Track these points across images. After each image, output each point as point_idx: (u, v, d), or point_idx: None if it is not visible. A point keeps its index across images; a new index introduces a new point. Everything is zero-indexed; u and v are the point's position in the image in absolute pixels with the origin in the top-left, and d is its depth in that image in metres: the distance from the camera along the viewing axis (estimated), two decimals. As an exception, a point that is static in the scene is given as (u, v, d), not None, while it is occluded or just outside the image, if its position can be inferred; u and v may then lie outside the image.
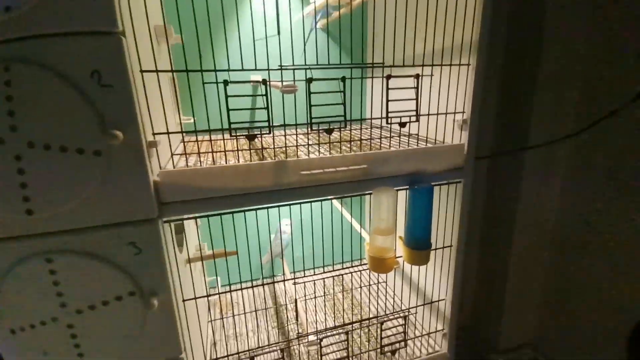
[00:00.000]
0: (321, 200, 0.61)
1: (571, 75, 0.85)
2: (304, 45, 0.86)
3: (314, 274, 1.04)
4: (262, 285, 0.91)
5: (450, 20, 0.63)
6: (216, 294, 0.64)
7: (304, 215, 1.10)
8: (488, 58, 0.64)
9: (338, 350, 0.78)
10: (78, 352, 0.54)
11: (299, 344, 0.82)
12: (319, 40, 0.91)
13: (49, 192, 0.46)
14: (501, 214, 1.00)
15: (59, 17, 0.41)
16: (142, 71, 0.48)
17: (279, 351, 0.69)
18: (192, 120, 0.87)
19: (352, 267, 1.19)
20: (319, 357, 0.74)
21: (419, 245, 0.68)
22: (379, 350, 0.80)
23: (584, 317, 0.93)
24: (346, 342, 0.75)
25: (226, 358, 0.69)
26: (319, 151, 0.64)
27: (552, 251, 1.01)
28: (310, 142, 0.63)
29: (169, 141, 0.56)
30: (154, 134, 0.51)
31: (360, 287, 1.10)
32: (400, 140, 0.71)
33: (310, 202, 0.60)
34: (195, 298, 0.62)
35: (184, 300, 0.60)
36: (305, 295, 1.01)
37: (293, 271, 1.16)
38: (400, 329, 0.81)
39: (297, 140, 0.63)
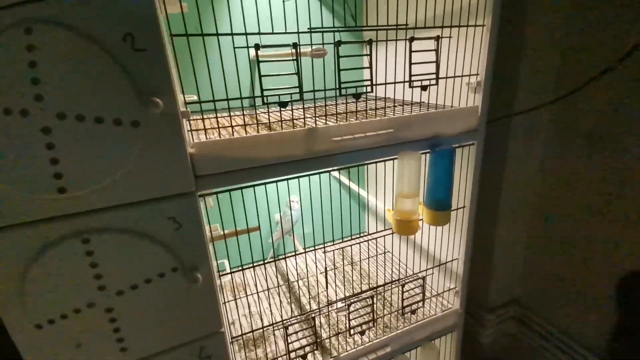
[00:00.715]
0: (351, 167, 0.62)
1: (553, 41, 0.89)
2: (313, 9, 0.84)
3: (323, 248, 1.05)
4: (275, 261, 0.92)
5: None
6: (236, 271, 0.63)
7: (306, 190, 1.10)
8: (501, 19, 0.66)
9: (360, 316, 0.80)
10: (117, 337, 0.52)
11: (325, 314, 0.84)
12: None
13: (83, 167, 0.43)
14: (489, 177, 1.05)
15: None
16: (172, 35, 0.45)
17: (310, 319, 0.70)
18: (194, 98, 0.83)
19: (359, 237, 1.22)
20: (347, 322, 0.76)
21: (441, 206, 0.71)
22: (400, 311, 0.84)
23: (568, 270, 1.01)
24: (370, 307, 0.78)
25: (262, 329, 0.69)
26: (336, 119, 0.64)
27: (535, 212, 1.07)
28: (338, 111, 0.63)
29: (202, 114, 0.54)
30: (186, 104, 0.49)
31: (368, 258, 1.13)
32: (411, 108, 0.72)
33: (340, 169, 0.60)
34: (232, 272, 0.61)
35: (220, 275, 0.59)
36: (317, 269, 1.03)
37: (303, 247, 1.17)
38: (418, 290, 0.85)
39: (325, 109, 0.63)
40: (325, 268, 0.72)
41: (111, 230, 0.47)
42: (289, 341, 0.69)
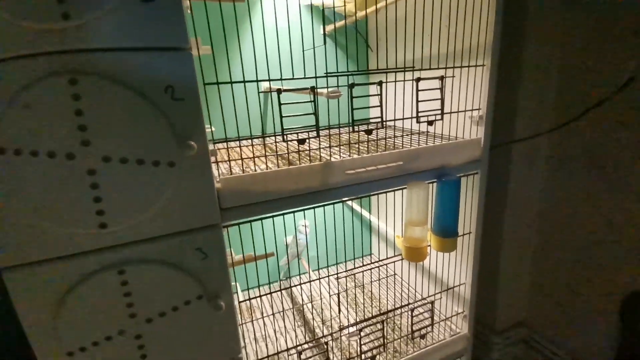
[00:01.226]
0: (363, 197, 0.66)
1: (551, 68, 0.94)
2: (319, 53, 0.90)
3: (332, 272, 1.08)
4: (289, 288, 0.94)
5: (468, 26, 0.70)
6: (251, 298, 0.66)
7: (319, 216, 1.14)
8: (500, 58, 0.71)
9: (371, 341, 0.82)
10: (144, 363, 0.55)
11: (337, 338, 0.86)
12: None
13: (124, 204, 0.47)
14: (494, 201, 1.09)
15: (132, 32, 0.43)
16: (205, 84, 0.50)
17: (323, 344, 0.72)
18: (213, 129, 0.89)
19: (365, 264, 1.24)
20: (359, 347, 0.78)
21: (448, 233, 0.74)
22: (409, 336, 0.85)
23: (572, 293, 1.02)
24: (381, 332, 0.80)
25: (276, 355, 0.71)
26: (349, 153, 0.69)
27: (538, 234, 1.10)
28: (351, 142, 0.67)
29: (228, 150, 0.59)
30: (214, 143, 0.53)
31: (378, 281, 1.15)
32: (419, 138, 0.77)
33: (352, 199, 0.64)
34: (250, 299, 0.64)
35: (239, 302, 0.62)
36: (325, 294, 1.05)
37: (313, 270, 1.19)
38: (427, 314, 0.87)
39: (340, 139, 0.67)
40: (338, 294, 0.74)
41: (144, 261, 0.50)
42: (303, 366, 0.71)
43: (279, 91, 0.54)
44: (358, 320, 0.79)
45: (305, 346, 0.72)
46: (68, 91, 0.42)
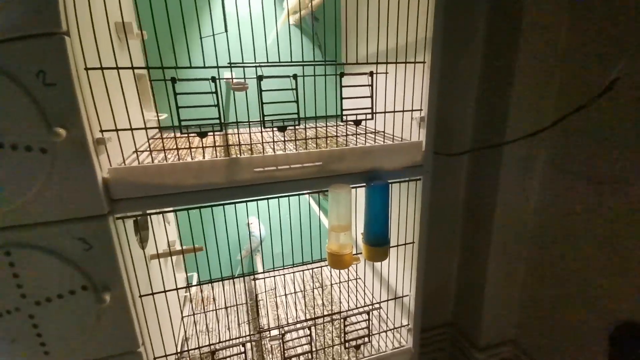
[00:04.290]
0: (269, 198, 0.62)
1: (548, 69, 0.86)
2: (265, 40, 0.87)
3: (286, 270, 1.05)
4: (235, 278, 0.93)
5: (403, 19, 0.64)
6: (182, 287, 0.65)
7: (281, 211, 1.12)
8: (444, 55, 0.65)
9: (302, 345, 0.79)
10: (40, 342, 0.56)
11: (266, 339, 0.84)
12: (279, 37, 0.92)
13: (2, 188, 0.47)
14: (481, 210, 1.02)
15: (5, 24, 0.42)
16: (86, 69, 0.49)
17: (240, 346, 0.70)
18: (165, 117, 0.88)
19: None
20: (282, 352, 0.75)
21: (377, 241, 0.69)
22: (343, 345, 0.81)
23: (563, 315, 0.94)
24: (309, 337, 0.77)
25: (186, 352, 0.70)
26: (273, 149, 0.65)
27: (531, 248, 1.02)
28: (266, 140, 0.64)
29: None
30: (101, 131, 0.52)
31: (339, 283, 1.11)
32: (356, 138, 0.72)
33: (263, 199, 0.61)
34: (153, 294, 0.63)
35: (140, 296, 0.61)
36: (281, 291, 1.03)
37: (273, 268, 1.18)
38: (364, 324, 0.82)
39: (251, 138, 0.64)
40: (256, 294, 0.72)
41: (26, 246, 0.50)
42: (217, 366, 0.69)
43: (173, 80, 0.52)
44: (296, 321, 0.76)
45: (218, 346, 0.70)
46: None
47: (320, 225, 1.18)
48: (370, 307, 0.82)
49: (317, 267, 1.16)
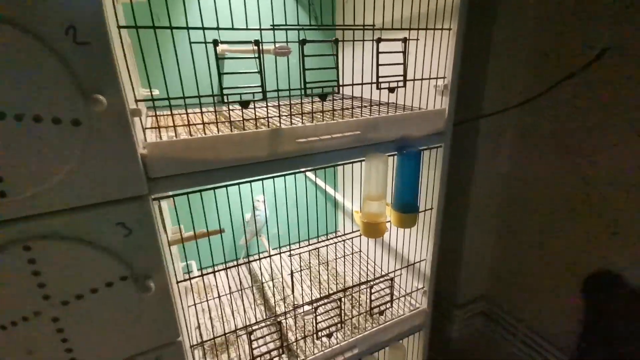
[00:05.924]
0: (317, 169, 0.60)
1: (522, 42, 0.91)
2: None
3: (294, 248, 1.04)
4: (245, 264, 0.89)
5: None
6: (202, 275, 0.61)
7: (279, 190, 1.09)
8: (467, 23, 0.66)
9: (329, 318, 0.80)
10: (66, 348, 0.49)
11: (293, 316, 0.83)
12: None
13: (23, 170, 0.39)
14: (459, 177, 1.07)
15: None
16: (119, 27, 0.42)
17: (277, 324, 0.69)
18: (156, 93, 0.79)
19: (329, 239, 1.22)
20: (315, 325, 0.75)
21: (408, 208, 0.71)
22: (368, 312, 0.84)
23: (532, 271, 1.04)
24: (338, 309, 0.77)
25: (224, 336, 0.67)
26: (301, 120, 0.63)
27: (501, 210, 1.10)
28: (303, 111, 0.61)
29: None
30: (136, 101, 0.46)
31: (343, 258, 1.13)
32: (379, 107, 0.72)
33: (305, 171, 0.59)
34: (190, 279, 0.59)
35: (178, 282, 0.56)
36: (289, 270, 1.01)
37: (275, 248, 1.15)
38: (387, 290, 0.85)
39: (290, 109, 0.60)
40: (292, 270, 0.70)
41: (52, 237, 0.43)
42: (254, 346, 0.67)
43: (214, 42, 0.47)
44: (327, 294, 0.76)
45: (256, 327, 0.68)
46: None
47: (325, 199, 1.17)
48: (393, 273, 0.85)
49: (322, 246, 1.16)
